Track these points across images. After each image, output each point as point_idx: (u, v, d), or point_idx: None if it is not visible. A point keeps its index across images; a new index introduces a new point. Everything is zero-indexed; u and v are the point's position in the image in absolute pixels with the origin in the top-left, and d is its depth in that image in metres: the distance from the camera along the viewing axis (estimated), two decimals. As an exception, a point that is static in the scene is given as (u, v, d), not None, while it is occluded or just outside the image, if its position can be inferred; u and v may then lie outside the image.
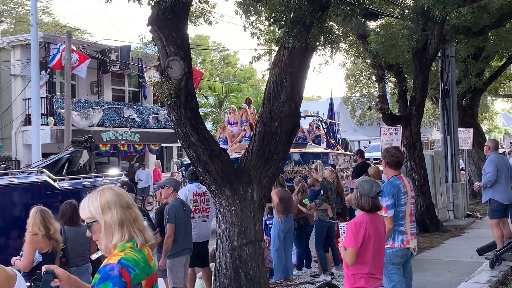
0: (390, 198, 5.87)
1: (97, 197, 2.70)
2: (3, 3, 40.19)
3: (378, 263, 4.94)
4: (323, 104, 55.45)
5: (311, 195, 9.63)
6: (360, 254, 4.79)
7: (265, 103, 6.94)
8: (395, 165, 6.13)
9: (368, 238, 4.80)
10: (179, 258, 7.25)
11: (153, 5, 6.32)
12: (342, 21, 7.93)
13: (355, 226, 4.84)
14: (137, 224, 2.69)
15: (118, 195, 2.71)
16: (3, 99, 22.24)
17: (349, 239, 4.84)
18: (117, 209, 2.66)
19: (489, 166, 9.57)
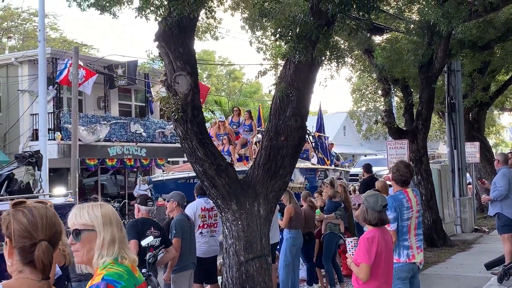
0: (392, 212, 5.84)
1: (97, 208, 2.71)
2: (11, 19, 40.55)
3: (388, 277, 4.94)
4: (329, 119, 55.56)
5: (331, 206, 9.57)
6: (372, 269, 4.78)
7: (271, 117, 6.95)
8: (402, 183, 6.11)
9: (380, 253, 4.80)
10: (183, 273, 7.24)
11: (160, 21, 6.37)
12: (347, 36, 7.97)
13: (367, 242, 4.82)
14: (123, 244, 2.71)
15: (114, 213, 2.76)
16: (10, 114, 22.37)
17: (362, 254, 4.81)
18: (116, 227, 2.69)
19: (501, 180, 9.44)
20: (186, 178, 14.24)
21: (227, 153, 15.05)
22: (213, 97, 38.41)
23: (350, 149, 48.67)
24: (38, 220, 2.37)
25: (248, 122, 16.72)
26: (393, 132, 13.68)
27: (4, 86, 22.71)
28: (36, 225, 2.36)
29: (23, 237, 2.34)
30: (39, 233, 2.35)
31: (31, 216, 2.37)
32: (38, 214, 2.39)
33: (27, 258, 2.33)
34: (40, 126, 18.27)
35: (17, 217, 2.37)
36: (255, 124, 16.90)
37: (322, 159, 19.83)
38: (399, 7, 12.36)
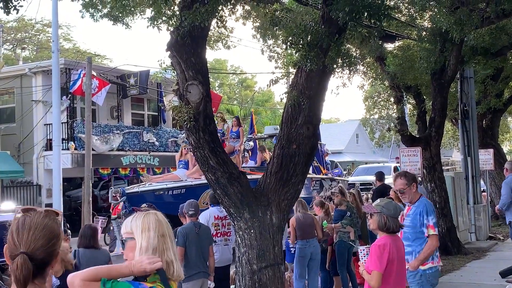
0: (434, 216, 5.88)
1: (140, 217, 2.79)
2: (25, 30, 41.00)
3: (400, 285, 4.91)
4: (341, 127, 55.47)
5: (337, 215, 9.54)
6: (384, 276, 4.75)
7: (283, 125, 6.96)
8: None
9: (392, 260, 4.78)
10: (193, 282, 7.18)
11: (172, 31, 6.42)
12: (359, 43, 7.97)
13: (379, 249, 4.80)
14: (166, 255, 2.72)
15: (158, 221, 2.78)
16: (25, 124, 22.56)
17: (374, 262, 4.79)
18: (153, 234, 2.72)
19: (503, 189, 9.51)
20: (164, 190, 13.29)
21: None
22: (225, 106, 38.52)
23: (363, 157, 48.50)
24: (25, 230, 2.27)
25: (235, 128, 15.85)
26: (406, 140, 13.63)
27: (18, 96, 22.93)
28: (21, 235, 2.27)
29: (10, 247, 2.29)
30: (21, 245, 2.25)
31: (21, 225, 2.28)
32: (28, 224, 2.29)
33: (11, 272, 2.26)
34: (54, 136, 18.38)
35: (13, 224, 2.32)
36: (243, 131, 16.14)
37: (318, 168, 18.83)
38: (411, 15, 12.34)
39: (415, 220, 5.89)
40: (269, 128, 21.12)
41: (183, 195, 12.71)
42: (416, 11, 11.84)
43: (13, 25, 39.40)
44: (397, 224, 4.94)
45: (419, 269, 5.82)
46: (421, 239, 5.86)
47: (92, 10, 8.30)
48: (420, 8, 11.23)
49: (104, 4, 8.23)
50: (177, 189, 13.31)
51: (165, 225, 2.79)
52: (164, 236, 2.74)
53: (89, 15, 8.41)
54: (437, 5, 10.59)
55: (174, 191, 13.24)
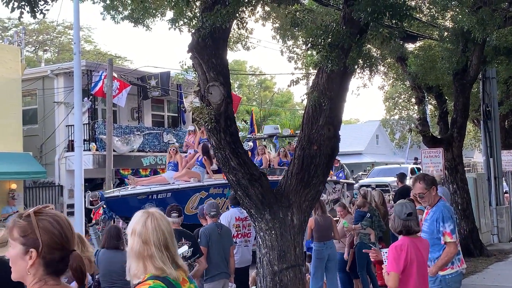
0: (452, 222, 5.75)
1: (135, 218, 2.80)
2: (47, 33, 41.48)
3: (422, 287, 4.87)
4: (361, 128, 55.19)
5: (358, 216, 9.51)
6: (403, 278, 4.72)
7: (304, 127, 6.94)
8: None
9: (411, 262, 4.74)
10: (214, 283, 7.23)
11: (193, 32, 6.44)
12: (380, 44, 7.92)
13: (395, 250, 4.80)
14: (153, 261, 2.69)
15: (145, 227, 2.74)
16: (47, 125, 22.81)
17: (390, 262, 4.79)
18: (137, 239, 2.72)
19: None
20: (147, 194, 12.13)
21: (199, 163, 13.12)
22: (245, 107, 38.56)
23: (383, 158, 48.20)
24: (66, 230, 2.31)
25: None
26: (428, 141, 13.54)
27: (40, 98, 23.20)
28: (67, 236, 2.31)
29: (55, 249, 2.27)
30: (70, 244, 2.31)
31: (59, 227, 2.30)
32: (64, 224, 2.32)
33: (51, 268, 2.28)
34: (75, 137, 18.55)
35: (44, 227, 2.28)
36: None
37: None
38: (432, 15, 12.24)
39: (432, 227, 5.80)
40: (268, 127, 20.30)
41: (169, 199, 11.72)
42: (438, 11, 11.75)
43: (35, 27, 39.90)
44: (400, 224, 4.88)
45: (438, 275, 5.75)
46: (439, 245, 5.76)
47: (113, 12, 8.38)
48: (441, 8, 11.14)
49: (125, 6, 8.30)
50: (162, 192, 12.25)
51: (153, 231, 2.72)
52: (147, 243, 2.70)
53: (110, 17, 8.49)
54: (459, 5, 10.50)
55: (158, 195, 12.09)
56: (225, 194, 12.86)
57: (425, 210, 6.11)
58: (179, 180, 12.75)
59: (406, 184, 11.92)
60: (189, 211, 11.95)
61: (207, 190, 12.79)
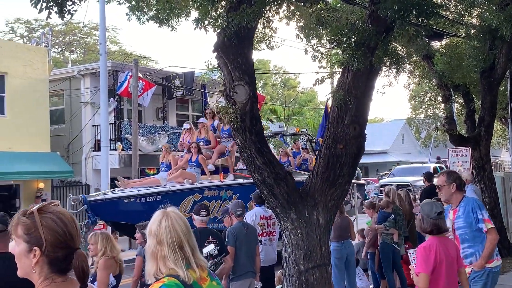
0: (485, 209, 5.80)
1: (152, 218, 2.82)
2: (73, 34, 42.00)
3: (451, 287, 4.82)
4: (386, 126, 54.78)
5: (381, 216, 9.50)
6: (433, 279, 4.69)
7: (330, 125, 6.92)
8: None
9: (440, 262, 4.70)
10: (241, 282, 7.26)
11: (219, 32, 6.46)
12: (407, 42, 7.86)
13: (424, 250, 4.77)
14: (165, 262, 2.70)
15: (159, 227, 2.76)
16: (74, 125, 23.11)
17: (419, 263, 4.76)
18: (153, 240, 2.74)
19: None
20: (135, 197, 11.29)
21: (196, 164, 12.31)
22: (269, 106, 38.56)
23: (409, 157, 47.79)
24: (70, 228, 2.29)
25: (227, 126, 13.39)
26: (455, 139, 13.40)
27: (67, 98, 23.51)
28: (71, 234, 2.28)
29: (58, 247, 2.26)
30: (75, 242, 2.28)
31: (63, 225, 2.28)
32: (68, 221, 2.30)
33: (56, 267, 2.26)
34: (102, 137, 18.79)
35: (48, 225, 2.26)
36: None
37: None
38: (459, 12, 12.11)
39: (469, 219, 5.78)
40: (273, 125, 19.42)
41: (159, 202, 10.70)
42: (464, 9, 11.62)
43: (62, 28, 40.42)
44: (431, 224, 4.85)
45: (486, 268, 5.72)
46: (480, 237, 5.76)
47: (139, 13, 8.44)
48: (468, 5, 11.02)
49: (150, 6, 8.36)
50: (151, 195, 11.31)
51: (166, 232, 2.74)
52: (161, 243, 2.72)
53: (136, 18, 8.56)
54: (486, 2, 10.37)
55: (148, 198, 11.21)
56: (221, 196, 12.21)
57: (451, 210, 6.07)
58: (173, 182, 11.96)
59: (433, 183, 11.78)
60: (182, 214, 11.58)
61: (201, 193, 11.88)
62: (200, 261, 2.80)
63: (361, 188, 20.30)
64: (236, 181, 13.05)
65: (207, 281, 2.77)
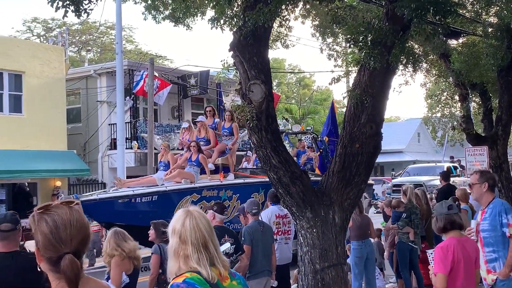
0: None
1: (175, 217, 2.82)
2: (89, 33, 42.27)
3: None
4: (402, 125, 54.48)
5: (394, 216, 9.50)
6: (450, 279, 4.66)
7: (345, 124, 6.89)
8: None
9: (458, 262, 4.67)
10: (257, 280, 7.27)
11: (235, 31, 6.47)
12: (424, 40, 7.81)
13: (442, 251, 4.74)
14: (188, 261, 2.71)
15: (184, 226, 2.75)
16: (90, 124, 23.28)
17: (437, 264, 4.74)
18: (176, 239, 2.74)
19: None
20: (130, 197, 10.97)
21: (196, 163, 11.88)
22: (284, 105, 38.52)
23: (425, 157, 47.49)
24: (61, 230, 2.23)
25: (227, 124, 13.36)
26: (472, 139, 13.30)
27: (84, 97, 23.69)
28: (59, 236, 2.23)
29: (48, 249, 2.24)
30: (63, 245, 2.22)
31: (53, 226, 2.24)
32: (61, 222, 2.25)
33: (55, 267, 2.24)
34: (118, 136, 18.93)
35: (40, 226, 2.25)
36: (237, 127, 13.53)
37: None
38: (476, 10, 12.00)
39: (494, 222, 5.67)
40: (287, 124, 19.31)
41: (155, 202, 10.69)
42: (482, 7, 11.51)
43: (78, 27, 40.69)
44: (444, 219, 4.83)
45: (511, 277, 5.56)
46: (504, 242, 5.63)
47: (154, 12, 8.47)
48: (485, 4, 10.92)
49: (165, 6, 8.38)
50: (147, 195, 10.94)
51: (191, 231, 2.73)
52: (185, 242, 2.71)
53: (151, 17, 8.59)
54: (503, 0, 10.27)
55: (143, 198, 10.84)
56: (220, 197, 11.64)
57: (480, 211, 6.01)
58: (171, 181, 11.53)
59: (450, 183, 11.71)
60: None
61: (200, 193, 11.43)
62: (223, 260, 2.81)
63: (369, 188, 20.03)
64: (236, 180, 12.60)
65: (228, 280, 2.78)
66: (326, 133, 17.37)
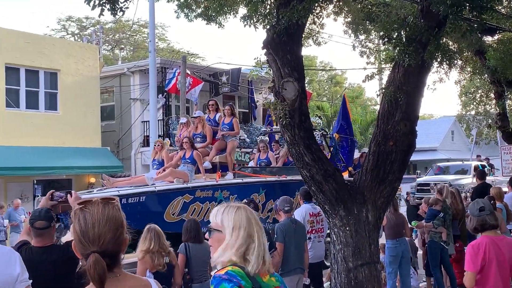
0: None
1: (233, 211, 2.81)
2: (122, 31, 42.79)
3: (501, 288, 4.73)
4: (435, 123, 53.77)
5: (430, 214, 9.40)
6: (481, 278, 4.62)
7: (379, 122, 6.85)
8: None
9: (489, 261, 4.62)
10: (290, 278, 7.28)
11: (268, 29, 6.48)
12: (460, 37, 7.70)
13: (472, 249, 4.73)
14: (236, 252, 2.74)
15: (248, 221, 2.79)
16: (123, 121, 23.58)
17: (467, 262, 4.73)
18: (243, 233, 2.75)
19: None
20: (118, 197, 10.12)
21: (190, 161, 10.97)
22: (315, 103, 38.40)
23: (459, 155, 46.77)
24: (89, 229, 2.26)
25: (227, 119, 12.43)
26: (507, 137, 13.08)
27: (117, 95, 24.00)
28: (88, 235, 2.25)
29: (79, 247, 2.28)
30: (90, 244, 2.24)
31: (84, 224, 2.27)
32: (91, 221, 2.27)
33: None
34: (150, 133, 19.12)
35: (75, 223, 2.29)
36: (237, 122, 12.71)
37: (345, 168, 14.79)
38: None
39: None
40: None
41: (142, 204, 9.88)
42: (518, 2, 11.30)
43: (111, 26, 41.23)
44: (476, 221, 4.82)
45: None
46: None
47: (187, 11, 8.53)
48: (522, -1, 10.70)
49: (198, 4, 8.44)
50: (134, 196, 10.08)
51: (254, 224, 2.79)
52: (251, 236, 2.76)
53: (184, 15, 8.64)
54: (541, -5, 10.06)
55: (129, 199, 10.00)
56: (215, 197, 10.76)
57: None
58: (164, 181, 10.74)
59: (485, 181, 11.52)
60: (170, 217, 9.88)
61: (193, 193, 10.48)
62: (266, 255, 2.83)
63: None
64: (233, 180, 11.58)
65: (267, 275, 2.81)
66: (337, 129, 16.17)
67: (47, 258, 4.32)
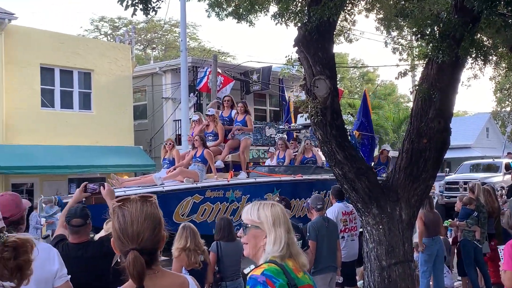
0: None
1: (268, 207, 2.84)
2: (154, 31, 43.17)
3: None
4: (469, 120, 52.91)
5: (463, 213, 9.28)
6: (521, 277, 4.51)
7: (413, 119, 6.78)
8: None
9: (530, 259, 4.52)
10: (322, 276, 7.27)
11: (300, 27, 6.46)
12: (495, 33, 7.56)
13: (511, 248, 4.61)
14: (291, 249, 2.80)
15: (285, 216, 2.85)
16: (156, 120, 23.81)
17: (506, 261, 4.61)
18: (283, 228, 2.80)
19: None
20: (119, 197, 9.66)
21: (201, 159, 10.53)
22: (347, 100, 38.16)
23: (494, 152, 45.90)
24: (128, 226, 2.28)
25: (240, 117, 12.00)
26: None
27: (149, 94, 24.24)
28: (126, 232, 2.27)
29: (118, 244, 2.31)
30: (129, 241, 2.26)
31: (122, 222, 2.29)
32: (129, 218, 2.29)
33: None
34: (182, 132, 19.25)
35: (114, 221, 2.32)
36: (251, 119, 12.30)
37: None
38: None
39: None
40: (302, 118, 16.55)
41: None
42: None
43: (143, 26, 41.64)
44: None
45: None
46: None
47: (218, 9, 8.56)
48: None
49: (229, 2, 8.46)
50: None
51: (280, 218, 2.83)
52: (289, 231, 2.81)
53: (215, 14, 8.68)
54: None
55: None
56: (227, 197, 10.35)
57: None
58: (174, 181, 10.31)
59: None
60: (179, 218, 9.43)
61: (202, 194, 10.06)
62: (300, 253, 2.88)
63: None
64: (245, 180, 11.11)
65: (301, 272, 2.82)
66: (357, 126, 15.56)
67: (83, 254, 4.46)
